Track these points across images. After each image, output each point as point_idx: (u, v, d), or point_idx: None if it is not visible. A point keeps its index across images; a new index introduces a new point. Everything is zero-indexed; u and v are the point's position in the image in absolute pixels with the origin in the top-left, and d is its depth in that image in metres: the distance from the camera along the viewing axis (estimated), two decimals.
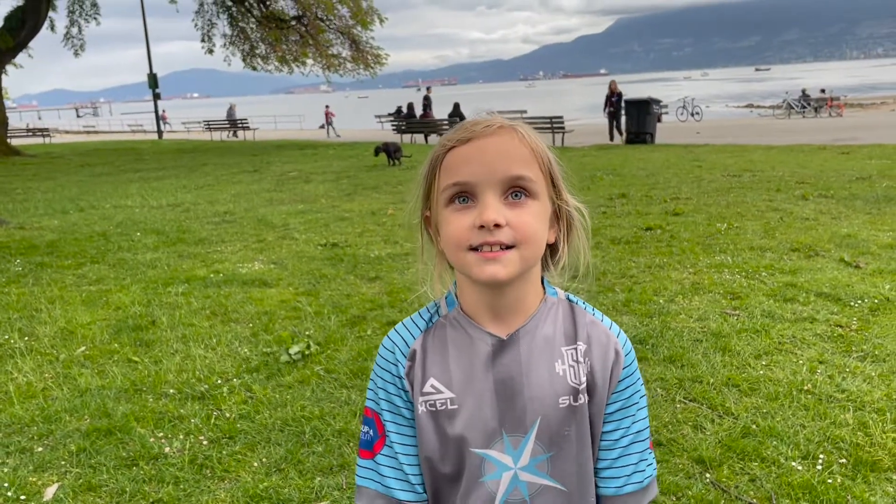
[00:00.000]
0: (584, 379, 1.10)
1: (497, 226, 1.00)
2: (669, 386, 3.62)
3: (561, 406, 1.09)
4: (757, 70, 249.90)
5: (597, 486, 1.16)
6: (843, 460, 2.85)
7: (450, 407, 1.10)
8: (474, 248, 1.02)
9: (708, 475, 2.81)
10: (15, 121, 73.86)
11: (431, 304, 1.18)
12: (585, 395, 1.10)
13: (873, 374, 3.61)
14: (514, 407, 1.09)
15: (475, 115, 1.10)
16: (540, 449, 1.10)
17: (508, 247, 1.02)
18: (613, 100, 20.67)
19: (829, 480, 2.71)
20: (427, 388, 1.11)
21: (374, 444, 1.14)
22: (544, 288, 1.15)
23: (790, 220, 7.41)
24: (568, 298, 1.17)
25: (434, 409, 1.10)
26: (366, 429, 1.16)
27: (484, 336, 1.10)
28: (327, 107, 35.48)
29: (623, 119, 20.33)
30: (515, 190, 1.03)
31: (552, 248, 1.14)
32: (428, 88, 27.19)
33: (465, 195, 1.04)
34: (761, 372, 3.72)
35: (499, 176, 1.03)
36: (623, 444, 1.15)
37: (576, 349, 1.11)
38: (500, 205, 1.02)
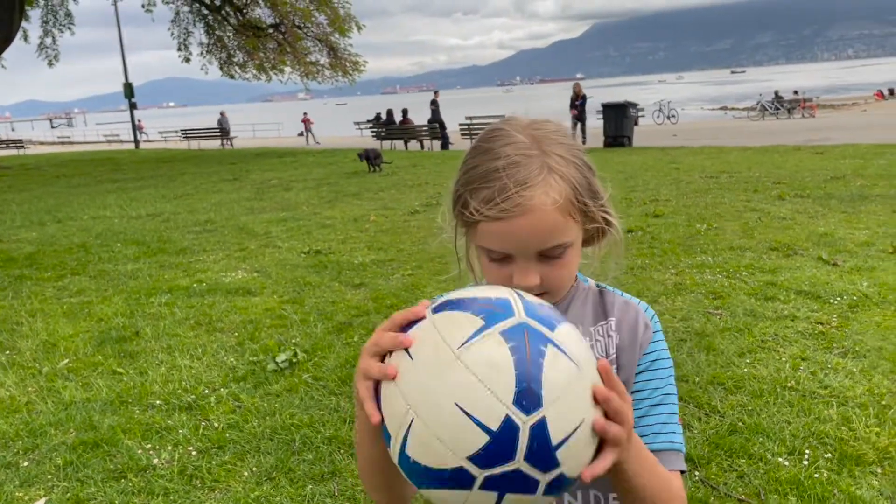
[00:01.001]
0: (612, 352, 1.13)
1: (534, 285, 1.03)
2: None
3: None
4: (733, 72, 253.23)
5: None
6: (829, 455, 2.90)
7: None
8: None
9: (697, 473, 2.85)
10: None
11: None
12: (614, 365, 1.11)
13: (855, 369, 3.67)
14: None
15: (499, 138, 1.04)
16: None
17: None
18: (578, 103, 20.39)
19: (816, 475, 2.75)
20: None
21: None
22: (575, 276, 1.17)
23: (768, 220, 7.52)
24: (598, 286, 1.21)
25: None
26: None
27: None
28: (305, 114, 35.38)
29: (587, 123, 20.21)
30: (551, 254, 1.04)
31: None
32: (435, 93, 26.95)
33: (501, 258, 1.05)
34: (745, 370, 3.77)
35: (534, 249, 1.02)
36: (646, 404, 1.13)
37: (603, 326, 1.15)
38: (536, 265, 1.03)
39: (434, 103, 25.24)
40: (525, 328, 0.83)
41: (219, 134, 31.73)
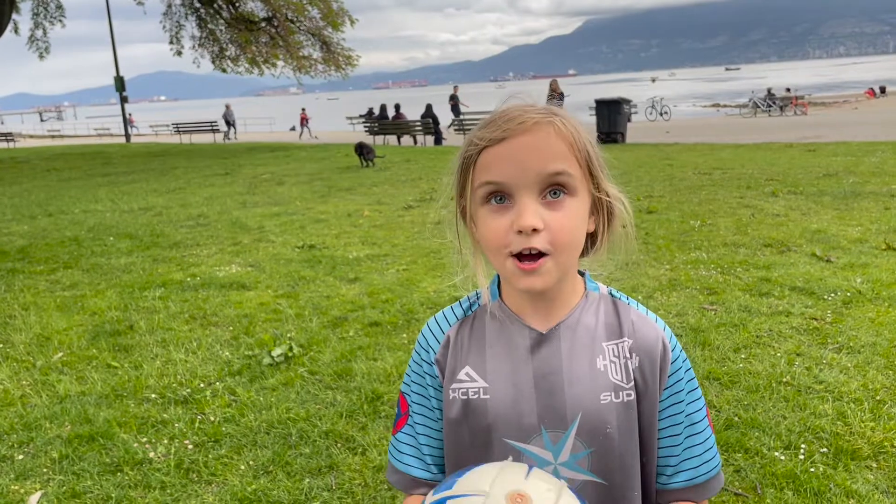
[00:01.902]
0: (631, 375, 1.08)
1: (535, 230, 0.98)
2: None
3: (602, 402, 1.06)
4: (727, 69, 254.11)
5: (658, 481, 1.13)
6: (824, 449, 2.91)
7: (482, 396, 1.09)
8: (515, 255, 1.01)
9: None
10: None
11: (472, 293, 1.18)
12: (633, 391, 1.07)
13: (849, 364, 3.69)
14: (553, 403, 1.07)
15: (508, 101, 1.06)
16: (581, 445, 1.07)
17: (542, 254, 1.00)
18: (555, 101, 20.26)
19: (812, 469, 2.77)
20: (461, 376, 1.11)
21: (397, 422, 1.19)
22: (584, 282, 1.14)
23: (761, 217, 7.55)
24: (610, 293, 1.15)
25: (466, 397, 1.10)
26: (397, 409, 1.20)
27: (523, 329, 1.09)
28: (304, 110, 35.17)
29: None
30: (553, 188, 1.00)
31: (592, 237, 1.10)
32: (455, 87, 26.76)
33: (500, 194, 1.01)
34: (741, 365, 3.79)
35: (535, 175, 0.99)
36: (678, 439, 1.11)
37: (618, 345, 1.09)
38: (538, 205, 0.99)
39: (454, 98, 25.16)
40: None
41: (211, 128, 31.52)
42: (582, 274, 1.15)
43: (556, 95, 19.47)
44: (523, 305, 1.10)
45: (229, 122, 34.15)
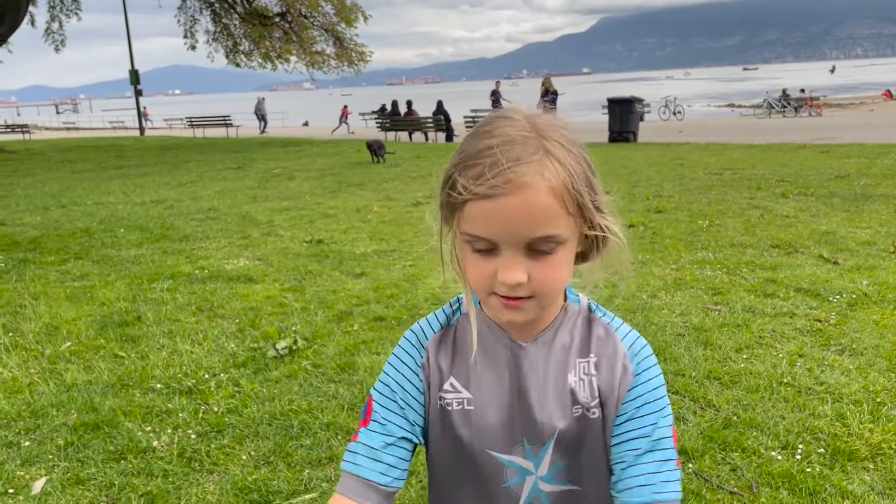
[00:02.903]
0: (596, 392, 1.07)
1: (519, 284, 0.96)
2: None
3: (574, 416, 1.07)
4: (745, 69, 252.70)
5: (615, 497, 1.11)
6: (822, 450, 2.92)
7: (466, 407, 1.09)
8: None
9: (690, 465, 2.87)
10: None
11: (454, 299, 1.16)
12: (599, 409, 1.08)
13: (851, 367, 3.69)
14: (533, 420, 1.08)
15: (494, 123, 0.98)
16: (558, 458, 1.09)
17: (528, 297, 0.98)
18: (547, 99, 19.07)
19: (808, 469, 2.77)
20: (446, 387, 1.10)
21: (359, 426, 1.13)
22: (566, 294, 1.11)
23: (770, 218, 7.52)
24: (589, 307, 1.13)
25: (450, 408, 1.10)
26: (363, 412, 1.14)
27: (504, 339, 1.09)
28: (346, 106, 34.47)
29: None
30: (541, 247, 0.96)
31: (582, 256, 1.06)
32: (497, 83, 26.70)
33: (487, 248, 0.97)
34: (742, 365, 3.79)
35: (521, 237, 0.94)
36: (633, 455, 1.07)
37: (588, 362, 1.09)
38: (523, 259, 0.95)
39: (495, 93, 25.19)
40: None
41: (224, 122, 31.64)
42: None
43: (549, 93, 18.91)
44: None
45: (260, 116, 34.23)
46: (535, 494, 1.10)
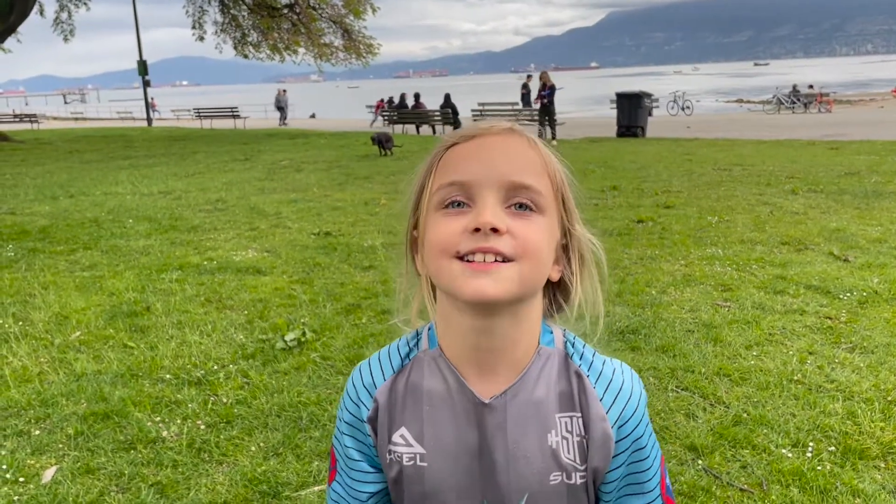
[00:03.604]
0: (586, 453, 0.95)
1: (495, 230, 0.84)
2: (662, 375, 3.67)
3: (552, 482, 0.95)
4: (756, 64, 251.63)
5: None
6: (833, 448, 2.91)
7: (419, 463, 0.97)
8: (461, 258, 0.86)
9: (700, 462, 2.86)
10: (1, 106, 73.13)
11: (412, 334, 1.03)
12: (586, 472, 0.96)
13: (862, 364, 3.67)
14: (497, 482, 0.95)
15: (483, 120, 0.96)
16: None
17: (505, 259, 0.85)
18: (544, 94, 18.41)
19: (819, 467, 2.76)
20: (396, 439, 0.98)
21: (329, 475, 1.10)
22: (538, 338, 0.97)
23: (780, 214, 7.49)
24: (565, 347, 0.99)
25: (401, 462, 0.98)
26: (328, 462, 1.11)
27: (465, 392, 0.95)
28: (381, 100, 33.94)
29: (556, 116, 18.62)
30: (520, 201, 0.88)
31: (557, 288, 0.98)
32: (528, 76, 26.49)
33: (460, 200, 0.88)
34: (752, 362, 3.78)
35: (501, 179, 0.87)
36: (622, 494, 1.01)
37: (572, 419, 0.95)
38: (501, 209, 0.86)
39: (526, 87, 25.16)
40: None
41: (232, 114, 31.61)
42: None
43: (546, 88, 18.39)
44: (464, 358, 0.94)
45: (281, 108, 34.07)
46: None
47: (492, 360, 0.93)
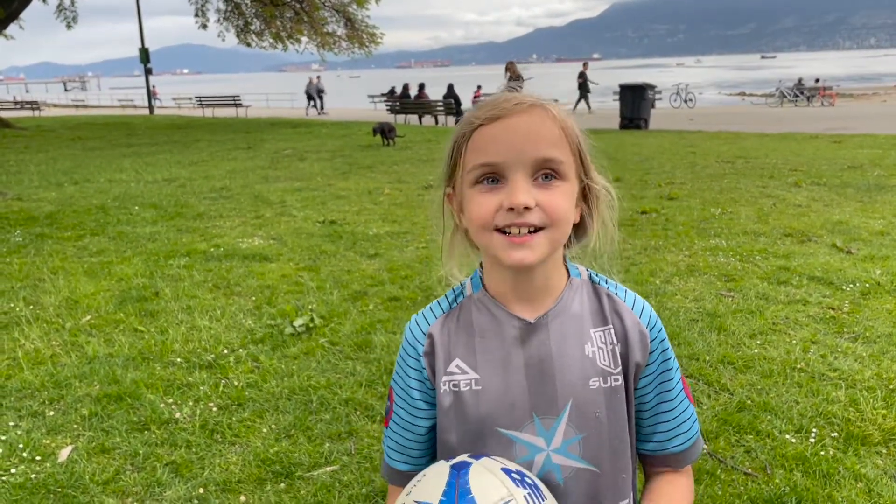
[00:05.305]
0: (619, 360, 1.11)
1: (527, 208, 0.99)
2: None
3: (591, 388, 1.09)
4: (763, 57, 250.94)
5: (644, 450, 1.19)
6: (835, 434, 2.96)
7: (474, 388, 1.10)
8: (500, 230, 1.01)
9: (705, 447, 2.91)
10: (2, 93, 72.98)
11: (457, 286, 1.18)
12: (621, 376, 1.11)
13: (864, 354, 3.72)
14: (545, 390, 1.08)
15: (502, 90, 1.08)
16: (572, 430, 1.09)
17: (537, 229, 1.01)
18: (516, 84, 18.69)
19: (822, 453, 2.81)
20: (451, 368, 1.11)
21: (385, 417, 1.23)
22: (567, 269, 1.15)
23: (783, 207, 7.52)
24: (591, 278, 1.17)
25: (457, 389, 1.11)
26: (387, 402, 1.23)
27: (511, 319, 1.10)
28: (479, 87, 32.92)
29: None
30: (545, 172, 1.02)
31: (576, 228, 1.13)
32: (584, 64, 26.52)
33: (492, 176, 1.02)
34: (756, 350, 3.83)
35: (528, 157, 1.00)
36: (659, 409, 1.17)
37: (605, 332, 1.12)
38: (530, 186, 1.00)
39: (582, 76, 25.08)
40: None
41: (234, 102, 31.55)
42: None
43: (514, 77, 18.34)
44: (508, 294, 1.11)
45: (311, 96, 33.28)
46: (547, 469, 1.09)
47: (531, 291, 1.10)
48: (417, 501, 0.96)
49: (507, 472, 0.97)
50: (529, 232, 1.00)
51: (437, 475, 0.98)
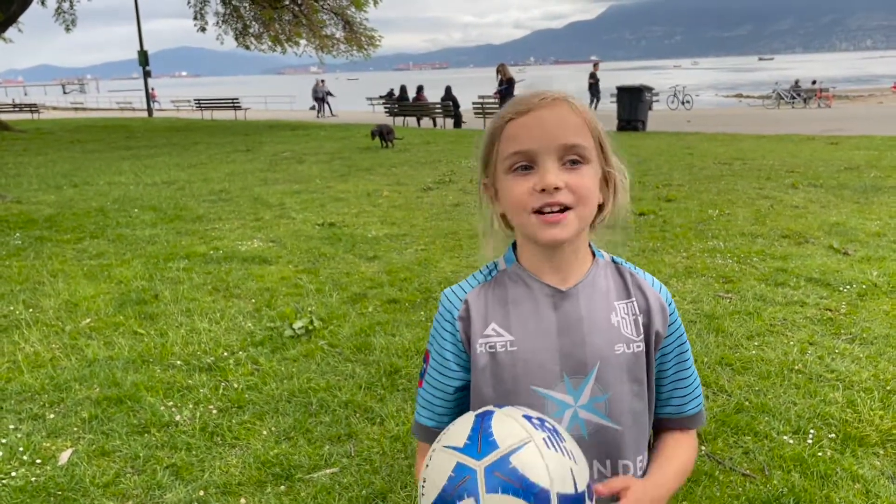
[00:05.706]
0: (641, 330, 1.22)
1: (557, 188, 1.11)
2: None
3: (616, 353, 1.20)
4: (761, 59, 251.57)
5: (662, 414, 1.30)
6: (833, 435, 2.98)
7: (509, 349, 1.20)
8: (536, 211, 1.14)
9: (703, 448, 2.93)
10: (1, 96, 72.91)
11: (491, 263, 1.29)
12: (643, 344, 1.22)
13: (861, 355, 3.74)
14: (575, 351, 1.19)
15: (528, 89, 1.20)
16: (598, 390, 1.20)
17: (566, 208, 1.13)
18: (502, 88, 18.19)
19: (819, 453, 2.83)
20: (488, 332, 1.21)
21: (420, 378, 1.32)
22: (592, 251, 1.27)
23: (780, 208, 7.55)
24: (613, 260, 1.29)
25: (493, 350, 1.21)
26: (423, 364, 1.32)
27: (544, 288, 1.22)
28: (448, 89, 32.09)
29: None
30: (571, 157, 1.14)
31: (599, 209, 1.24)
32: (595, 65, 26.74)
33: (525, 163, 1.14)
34: (753, 352, 3.85)
35: (557, 143, 1.13)
36: (678, 377, 1.29)
37: (628, 304, 1.24)
38: (558, 169, 1.13)
39: (593, 76, 25.13)
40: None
41: (233, 105, 31.51)
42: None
43: (504, 81, 18.10)
44: (541, 266, 1.22)
45: (319, 98, 33.14)
46: (574, 423, 1.20)
47: (563, 265, 1.21)
48: (445, 446, 1.04)
49: (528, 417, 1.05)
50: (560, 211, 1.13)
51: (463, 423, 1.06)
